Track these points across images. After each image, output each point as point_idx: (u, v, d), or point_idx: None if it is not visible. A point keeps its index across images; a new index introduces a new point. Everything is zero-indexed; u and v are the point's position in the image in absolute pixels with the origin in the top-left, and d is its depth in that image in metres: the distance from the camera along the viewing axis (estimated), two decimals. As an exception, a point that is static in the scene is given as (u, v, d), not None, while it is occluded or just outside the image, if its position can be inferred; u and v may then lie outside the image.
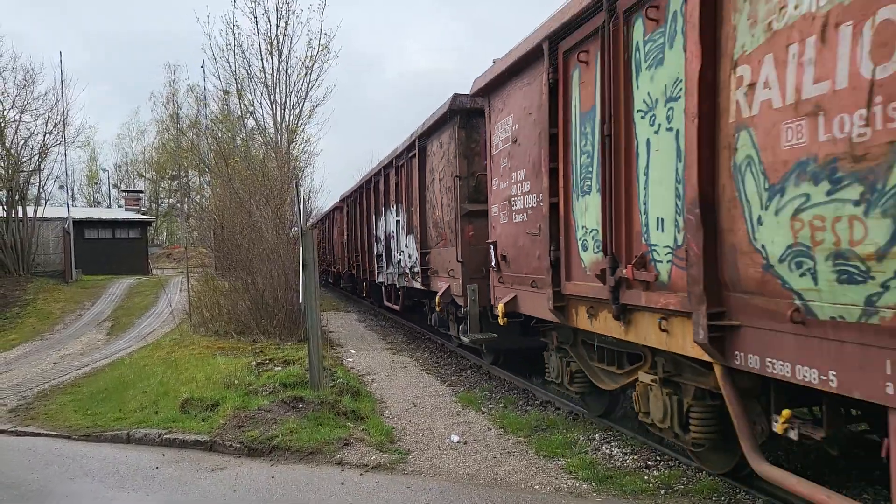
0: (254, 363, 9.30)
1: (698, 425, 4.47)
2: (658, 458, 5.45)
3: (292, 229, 13.49)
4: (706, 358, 3.90)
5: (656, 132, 4.25)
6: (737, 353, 3.65)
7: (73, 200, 35.28)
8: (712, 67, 3.64)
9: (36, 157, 27.65)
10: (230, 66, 22.25)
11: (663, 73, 4.16)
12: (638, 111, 4.46)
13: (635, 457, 5.50)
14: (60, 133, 28.09)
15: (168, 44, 79.42)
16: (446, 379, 9.16)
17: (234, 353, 10.50)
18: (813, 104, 3.01)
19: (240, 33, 30.02)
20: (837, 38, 2.89)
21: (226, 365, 9.29)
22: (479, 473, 5.32)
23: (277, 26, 21.86)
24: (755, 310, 3.47)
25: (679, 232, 4.04)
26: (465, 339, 8.18)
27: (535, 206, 6.00)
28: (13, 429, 7.60)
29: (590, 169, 5.06)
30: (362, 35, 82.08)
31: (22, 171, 27.06)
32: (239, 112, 22.81)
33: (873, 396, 2.87)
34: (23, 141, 27.02)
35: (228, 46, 23.27)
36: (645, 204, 4.42)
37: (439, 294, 9.18)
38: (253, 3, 22.26)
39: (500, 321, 6.74)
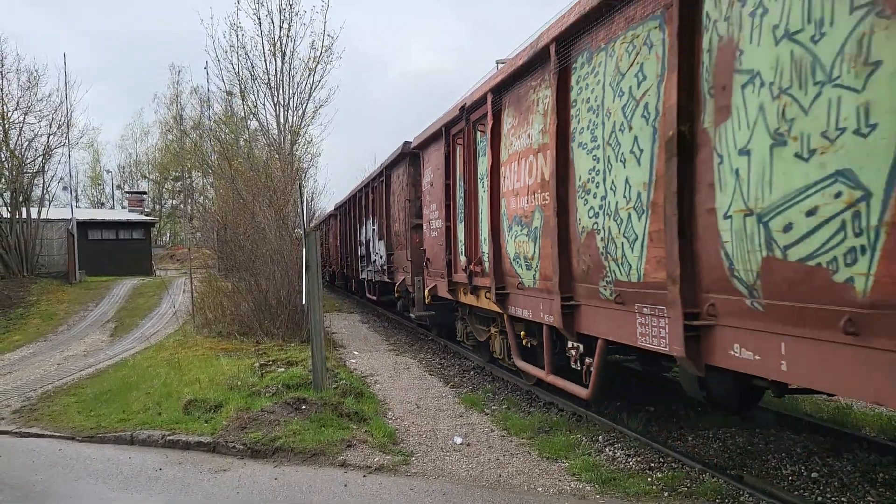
0: (257, 364, 10.18)
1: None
2: (661, 459, 5.99)
3: (295, 230, 15.02)
4: (499, 310, 8.73)
5: (484, 191, 9.08)
6: (509, 307, 8.45)
7: (76, 202, 37.16)
8: (497, 164, 8.46)
9: (40, 159, 30.79)
10: (234, 68, 24.67)
11: (485, 161, 8.97)
12: (479, 178, 9.29)
13: (638, 458, 6.05)
14: (64, 134, 31.36)
15: (168, 44, 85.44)
16: (449, 380, 10.15)
17: (238, 355, 11.53)
18: (516, 191, 7.84)
19: (243, 35, 31.71)
20: (522, 163, 7.72)
21: (229, 366, 10.14)
22: (483, 475, 5.84)
23: (280, 27, 24.19)
24: (510, 284, 8.28)
25: (490, 245, 8.88)
26: (413, 316, 13.06)
27: (441, 227, 10.84)
28: (17, 430, 8.28)
29: (463, 207, 9.88)
30: (363, 35, 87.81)
31: (26, 173, 30.09)
32: (242, 113, 25.10)
33: (541, 320, 7.66)
34: (27, 142, 30.15)
35: (232, 48, 26.26)
36: (481, 230, 9.26)
37: (397, 284, 14.11)
38: (256, 5, 24.61)
39: (426, 301, 11.64)
